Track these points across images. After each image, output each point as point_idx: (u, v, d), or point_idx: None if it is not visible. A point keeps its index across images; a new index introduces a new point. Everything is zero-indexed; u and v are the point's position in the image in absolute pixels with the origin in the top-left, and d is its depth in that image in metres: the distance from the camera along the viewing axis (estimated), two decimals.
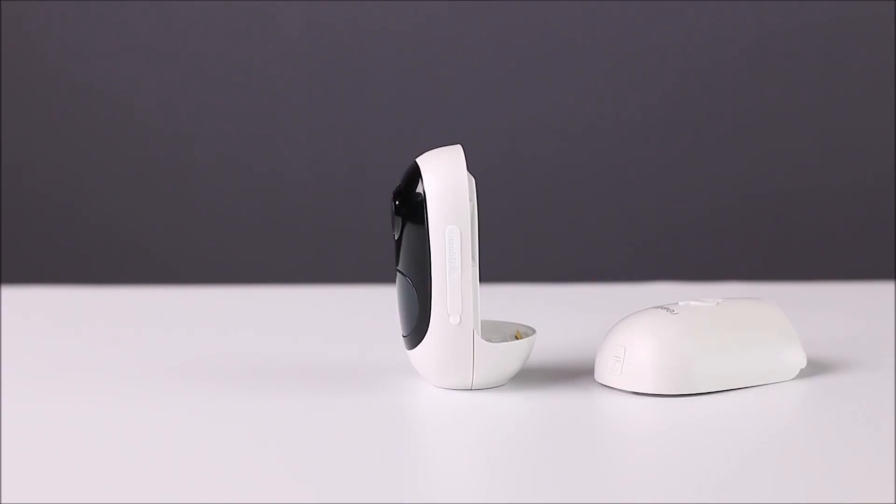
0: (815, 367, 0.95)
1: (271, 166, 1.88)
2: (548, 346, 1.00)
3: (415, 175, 0.88)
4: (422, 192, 0.87)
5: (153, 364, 1.01)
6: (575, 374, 0.94)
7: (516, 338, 0.93)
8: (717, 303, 0.92)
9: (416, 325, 0.88)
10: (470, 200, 0.87)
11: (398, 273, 0.89)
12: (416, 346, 0.89)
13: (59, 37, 1.88)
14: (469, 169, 0.88)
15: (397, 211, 0.88)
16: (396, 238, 0.89)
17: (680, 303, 0.92)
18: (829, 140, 1.81)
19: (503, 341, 0.91)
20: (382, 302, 1.23)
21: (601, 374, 0.91)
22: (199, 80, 1.88)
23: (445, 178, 0.87)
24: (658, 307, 0.92)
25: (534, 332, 0.93)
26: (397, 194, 0.88)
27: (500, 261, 1.81)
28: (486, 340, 0.89)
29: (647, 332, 0.89)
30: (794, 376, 0.92)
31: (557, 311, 1.20)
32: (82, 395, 0.92)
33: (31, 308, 1.25)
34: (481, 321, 0.90)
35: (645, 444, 0.81)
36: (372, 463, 0.77)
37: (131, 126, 1.89)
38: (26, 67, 1.88)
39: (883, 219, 1.82)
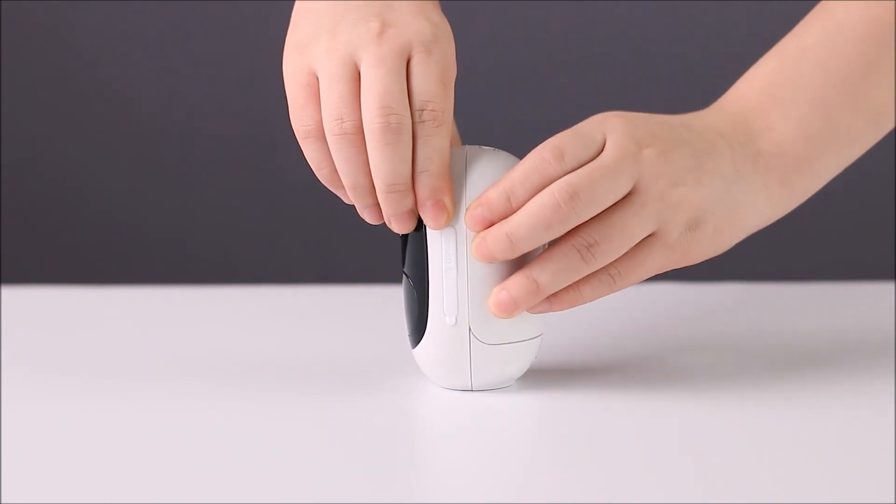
0: (815, 368, 0.95)
1: (272, 166, 1.88)
2: (550, 346, 1.00)
3: None
4: None
5: (153, 364, 1.01)
6: (577, 374, 0.94)
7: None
8: None
9: (416, 325, 0.88)
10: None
11: (403, 274, 0.89)
12: (416, 346, 0.89)
13: (60, 32, 1.88)
14: None
15: None
16: (401, 238, 0.89)
17: None
18: None
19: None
20: (384, 302, 1.23)
21: None
22: (201, 77, 1.88)
23: None
24: None
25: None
26: None
27: None
28: (483, 342, 0.89)
29: None
30: None
31: (560, 312, 1.20)
32: (82, 396, 0.92)
33: (31, 308, 1.25)
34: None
35: (647, 446, 0.81)
36: (371, 463, 0.77)
37: (131, 125, 1.89)
38: (26, 63, 1.89)
39: (883, 219, 1.82)
